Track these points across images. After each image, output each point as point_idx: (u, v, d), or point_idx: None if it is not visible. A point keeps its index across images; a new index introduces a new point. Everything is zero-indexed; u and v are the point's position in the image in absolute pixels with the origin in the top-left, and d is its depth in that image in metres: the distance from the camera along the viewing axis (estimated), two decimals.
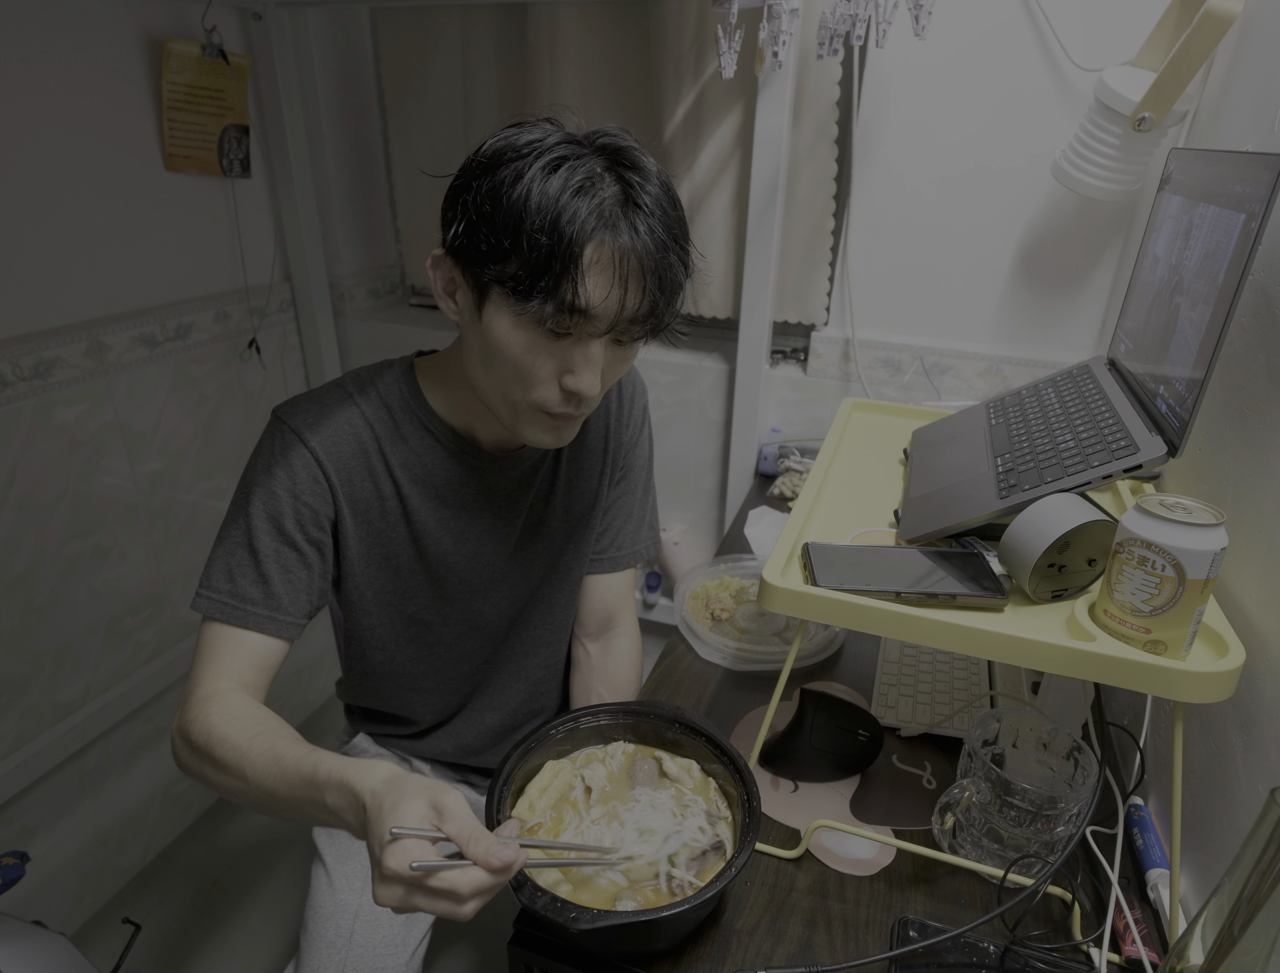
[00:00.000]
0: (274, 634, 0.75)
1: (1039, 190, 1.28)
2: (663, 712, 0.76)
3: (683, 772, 0.74)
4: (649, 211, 0.64)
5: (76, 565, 1.41)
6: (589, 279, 0.63)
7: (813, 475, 0.85)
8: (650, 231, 0.64)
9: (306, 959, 0.87)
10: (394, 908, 0.54)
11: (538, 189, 0.62)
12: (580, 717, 0.76)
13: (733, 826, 0.69)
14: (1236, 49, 0.95)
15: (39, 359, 1.29)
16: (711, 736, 0.73)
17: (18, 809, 1.38)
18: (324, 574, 0.79)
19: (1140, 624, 0.58)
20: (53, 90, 1.25)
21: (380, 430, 0.79)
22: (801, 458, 1.49)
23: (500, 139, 0.66)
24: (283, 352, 1.78)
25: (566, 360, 0.68)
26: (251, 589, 0.74)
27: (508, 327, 0.67)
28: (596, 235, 0.62)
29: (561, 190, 0.62)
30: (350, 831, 0.58)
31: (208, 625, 0.74)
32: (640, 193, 0.64)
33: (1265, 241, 0.69)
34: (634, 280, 0.65)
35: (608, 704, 0.78)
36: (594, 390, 0.69)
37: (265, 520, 0.75)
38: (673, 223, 0.66)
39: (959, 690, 0.94)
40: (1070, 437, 0.75)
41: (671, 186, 0.68)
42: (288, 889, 1.62)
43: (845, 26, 1.07)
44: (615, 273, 0.64)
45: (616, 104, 1.49)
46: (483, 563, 0.88)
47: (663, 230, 0.65)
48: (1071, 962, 0.64)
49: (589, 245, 0.62)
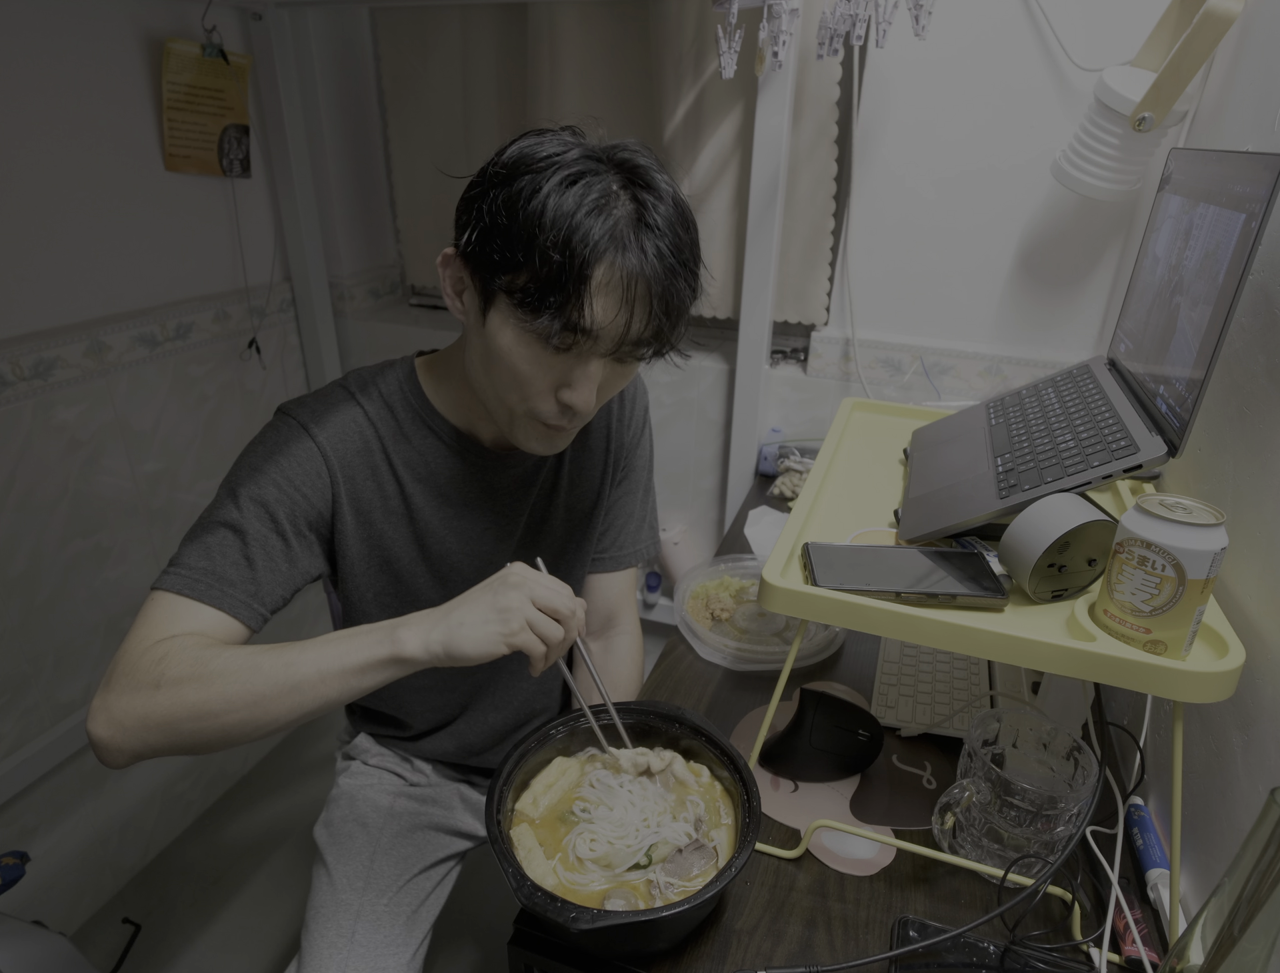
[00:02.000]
0: (243, 620, 0.69)
1: (1039, 190, 1.28)
2: (661, 711, 0.76)
3: (691, 776, 0.74)
4: (660, 233, 0.65)
5: (76, 565, 1.41)
6: (597, 300, 0.63)
7: (813, 475, 0.85)
8: (660, 254, 0.64)
9: (308, 959, 0.87)
10: (505, 636, 0.62)
11: (553, 204, 0.62)
12: (579, 717, 0.76)
13: (733, 829, 0.69)
14: (1236, 49, 0.95)
15: (39, 359, 1.29)
16: (711, 735, 0.74)
17: (18, 809, 1.38)
18: (305, 573, 0.76)
19: (1140, 624, 0.58)
20: (53, 91, 1.25)
21: (384, 430, 0.79)
22: (801, 458, 1.49)
23: (520, 148, 0.66)
24: (283, 352, 1.78)
25: (565, 375, 0.69)
26: (231, 571, 0.69)
27: (511, 337, 0.67)
28: (608, 256, 0.62)
29: (576, 208, 0.62)
30: (411, 632, 0.61)
31: (162, 596, 0.67)
32: (652, 213, 0.64)
33: (1265, 242, 0.69)
34: (640, 304, 0.65)
35: (608, 705, 0.78)
36: (589, 407, 0.70)
37: (257, 505, 0.71)
38: (683, 246, 0.66)
39: (959, 690, 0.94)
40: (1070, 437, 0.75)
41: (686, 208, 0.68)
42: (288, 889, 1.62)
43: (845, 26, 1.07)
44: (623, 295, 0.64)
45: (616, 104, 1.49)
46: (485, 561, 0.88)
47: (672, 254, 0.65)
48: (1071, 962, 0.64)
49: (599, 266, 0.62)
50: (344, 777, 1.03)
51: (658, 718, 0.76)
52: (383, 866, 0.93)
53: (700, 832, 0.68)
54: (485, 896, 1.52)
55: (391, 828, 0.97)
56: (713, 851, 0.67)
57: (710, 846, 0.67)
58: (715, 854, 0.67)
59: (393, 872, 0.93)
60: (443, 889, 0.99)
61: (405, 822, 0.98)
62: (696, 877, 0.65)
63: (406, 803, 1.00)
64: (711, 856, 0.67)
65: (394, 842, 0.96)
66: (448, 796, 1.03)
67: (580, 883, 0.65)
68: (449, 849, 1.00)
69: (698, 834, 0.68)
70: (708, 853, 0.67)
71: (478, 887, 1.52)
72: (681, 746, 0.76)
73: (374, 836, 0.96)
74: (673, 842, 0.67)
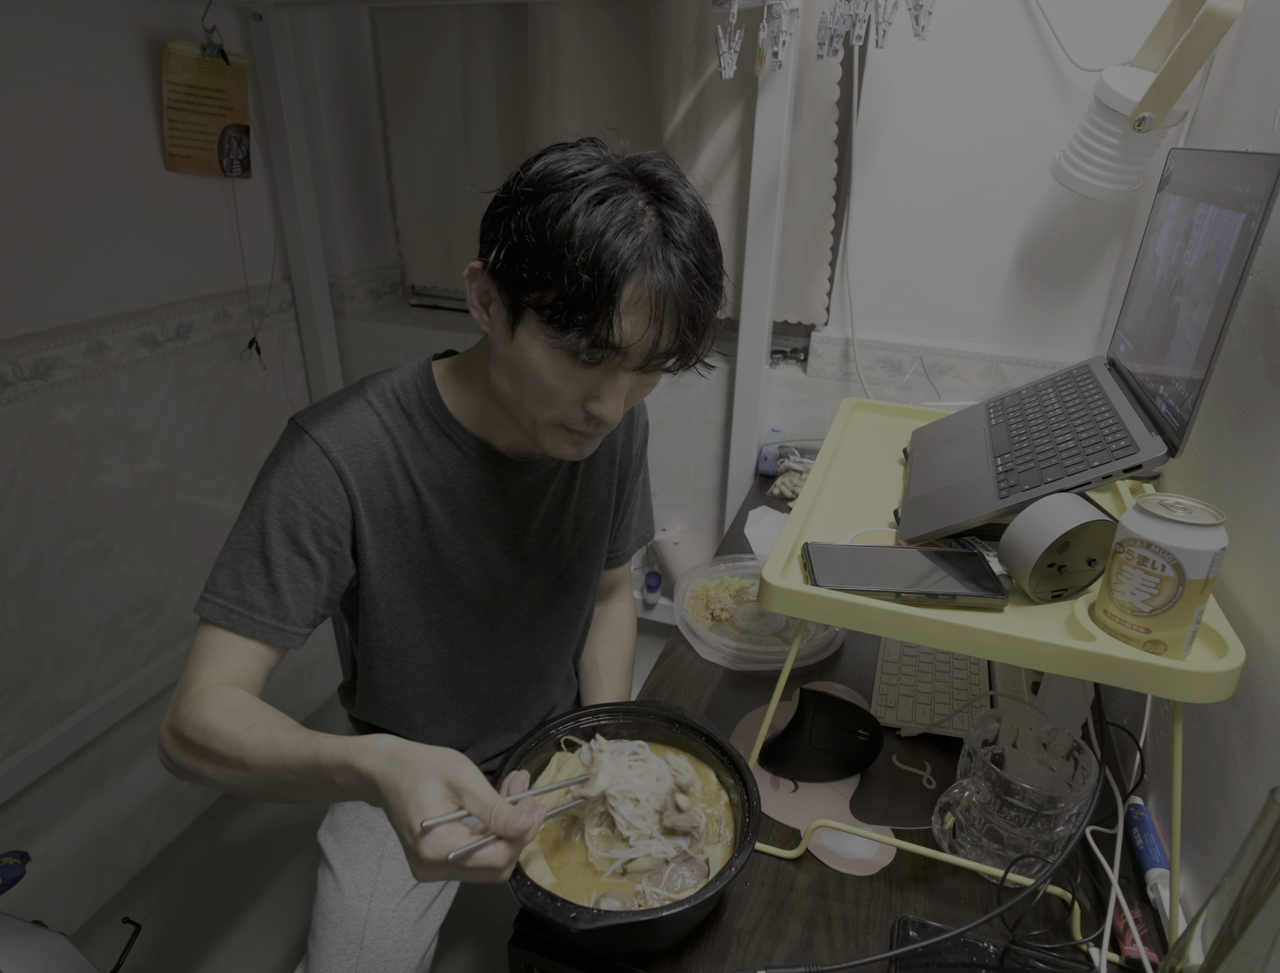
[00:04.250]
0: (277, 644, 0.74)
1: (1039, 190, 1.28)
2: (661, 711, 0.76)
3: (696, 781, 0.73)
4: (686, 248, 0.65)
5: (76, 565, 1.41)
6: (626, 318, 0.64)
7: (813, 475, 0.85)
8: (686, 270, 0.65)
9: (316, 965, 0.87)
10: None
11: (581, 224, 0.62)
12: (580, 717, 0.76)
13: (731, 846, 0.69)
14: (1236, 49, 0.95)
15: (39, 359, 1.29)
16: (711, 735, 0.74)
17: (18, 809, 1.38)
18: (333, 585, 0.78)
19: (1140, 624, 0.58)
20: (53, 90, 1.25)
21: (401, 439, 0.79)
22: (801, 458, 1.49)
23: (545, 165, 0.66)
24: (283, 352, 1.78)
25: (594, 388, 0.69)
26: (260, 598, 0.73)
27: (541, 352, 0.67)
28: (636, 274, 0.63)
29: (605, 227, 0.62)
30: (368, 802, 0.60)
31: (207, 629, 0.74)
32: (678, 229, 0.65)
33: (1265, 242, 0.69)
34: (669, 319, 0.66)
35: (607, 704, 0.78)
36: (617, 418, 0.71)
37: (280, 528, 0.74)
38: (709, 261, 0.67)
39: (959, 690, 0.94)
40: (1070, 437, 0.75)
41: (710, 222, 0.69)
42: (288, 889, 1.62)
43: (845, 26, 1.07)
44: (651, 312, 0.64)
45: (616, 104, 1.49)
46: (496, 567, 0.88)
47: (698, 269, 0.66)
48: (1071, 962, 0.64)
49: (628, 284, 0.63)
50: None
51: (657, 719, 0.76)
52: (390, 871, 0.93)
53: (693, 847, 0.68)
54: (485, 896, 1.52)
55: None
56: (703, 863, 0.66)
57: (701, 858, 0.67)
58: (706, 867, 0.66)
59: (400, 877, 0.93)
60: (447, 894, 0.99)
61: None
62: (683, 891, 0.64)
63: None
64: (702, 869, 0.66)
65: (400, 847, 0.95)
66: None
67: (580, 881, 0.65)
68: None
69: (690, 850, 0.67)
70: (697, 866, 0.66)
71: (478, 887, 1.52)
72: (681, 745, 0.76)
73: (380, 840, 0.96)
74: (657, 856, 0.66)
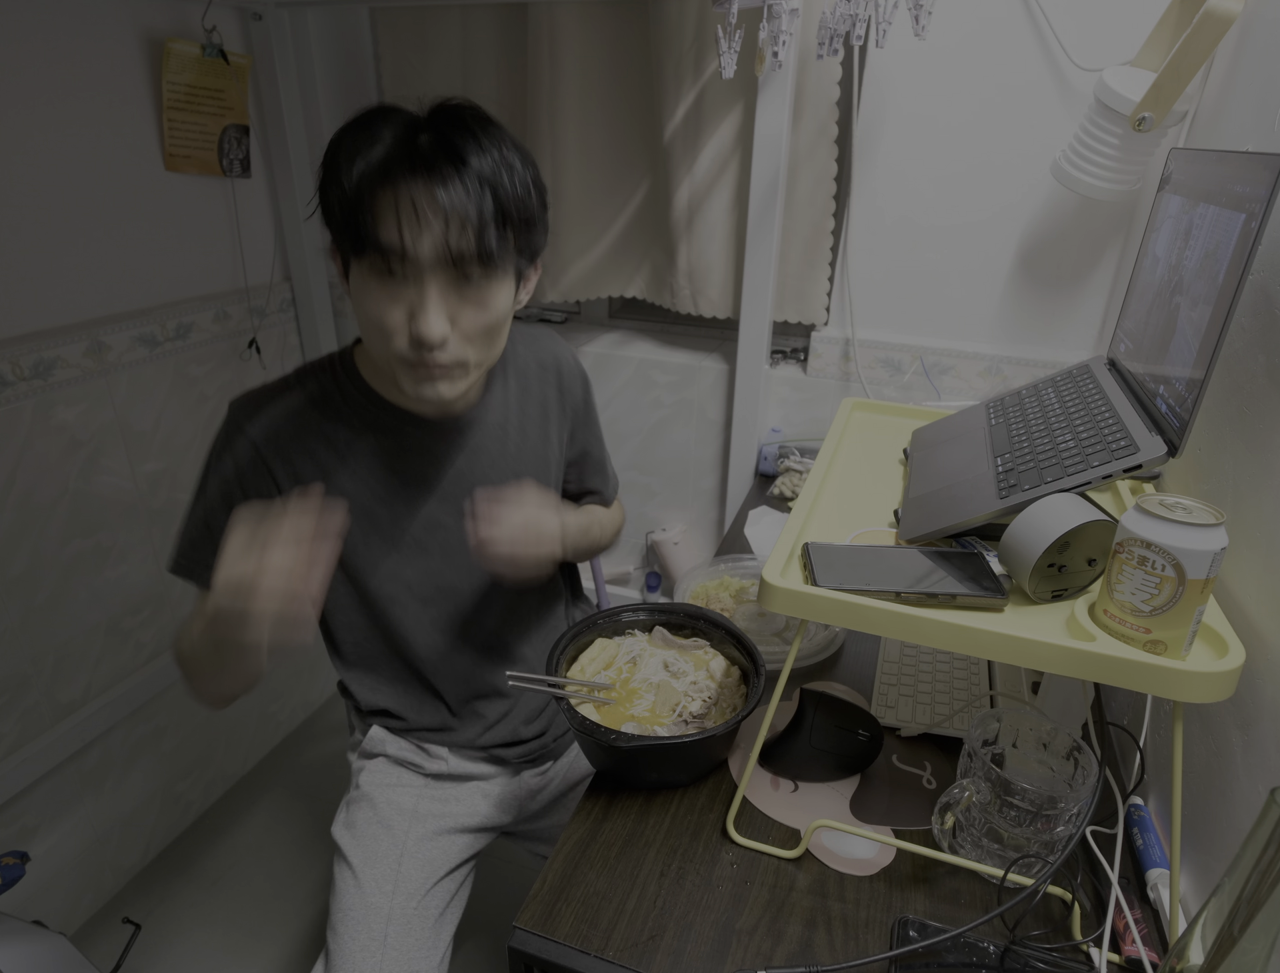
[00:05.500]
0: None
1: (1039, 190, 1.28)
2: (688, 610, 0.94)
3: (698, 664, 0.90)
4: (447, 146, 0.69)
5: (76, 565, 1.41)
6: (384, 211, 0.68)
7: (813, 475, 0.85)
8: (445, 165, 0.68)
9: (339, 961, 0.87)
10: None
11: (336, 139, 0.71)
12: (620, 613, 0.93)
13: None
14: (1236, 49, 0.95)
15: (39, 359, 1.29)
16: (728, 628, 0.90)
17: (18, 809, 1.38)
18: None
19: (1140, 624, 0.58)
20: (53, 90, 1.25)
21: (324, 411, 0.86)
22: (801, 458, 1.49)
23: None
24: (283, 352, 1.78)
25: (411, 307, 0.72)
26: (211, 556, 0.76)
27: (358, 285, 0.73)
28: (381, 168, 0.68)
29: (354, 143, 0.69)
30: (236, 608, 0.66)
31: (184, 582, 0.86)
32: (439, 133, 0.70)
33: (1265, 242, 0.69)
34: (434, 212, 0.68)
35: (645, 603, 0.96)
36: (434, 332, 0.72)
37: (220, 500, 0.83)
38: (489, 156, 0.71)
39: (959, 690, 0.94)
40: (1070, 437, 0.75)
41: (490, 121, 0.74)
42: (289, 889, 1.62)
43: (845, 26, 1.07)
44: (407, 204, 0.68)
45: (616, 104, 1.49)
46: (436, 526, 0.91)
47: (453, 163, 0.69)
48: (1071, 962, 0.64)
49: (375, 178, 0.68)
50: (362, 776, 1.02)
51: (684, 615, 0.94)
52: (410, 869, 0.94)
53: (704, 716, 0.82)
54: (486, 896, 1.52)
55: (416, 832, 0.97)
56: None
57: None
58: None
59: (420, 876, 0.94)
60: (464, 892, 1.01)
61: (430, 825, 0.98)
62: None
63: (430, 805, 1.00)
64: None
65: (419, 846, 0.96)
66: (468, 793, 1.03)
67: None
68: (471, 850, 1.01)
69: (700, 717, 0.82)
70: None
71: (478, 888, 1.52)
72: (702, 633, 0.94)
73: (399, 839, 0.96)
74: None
